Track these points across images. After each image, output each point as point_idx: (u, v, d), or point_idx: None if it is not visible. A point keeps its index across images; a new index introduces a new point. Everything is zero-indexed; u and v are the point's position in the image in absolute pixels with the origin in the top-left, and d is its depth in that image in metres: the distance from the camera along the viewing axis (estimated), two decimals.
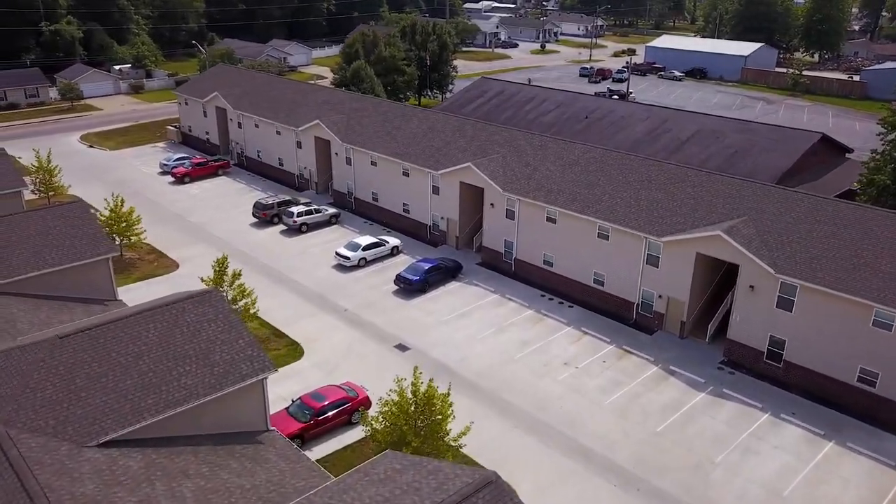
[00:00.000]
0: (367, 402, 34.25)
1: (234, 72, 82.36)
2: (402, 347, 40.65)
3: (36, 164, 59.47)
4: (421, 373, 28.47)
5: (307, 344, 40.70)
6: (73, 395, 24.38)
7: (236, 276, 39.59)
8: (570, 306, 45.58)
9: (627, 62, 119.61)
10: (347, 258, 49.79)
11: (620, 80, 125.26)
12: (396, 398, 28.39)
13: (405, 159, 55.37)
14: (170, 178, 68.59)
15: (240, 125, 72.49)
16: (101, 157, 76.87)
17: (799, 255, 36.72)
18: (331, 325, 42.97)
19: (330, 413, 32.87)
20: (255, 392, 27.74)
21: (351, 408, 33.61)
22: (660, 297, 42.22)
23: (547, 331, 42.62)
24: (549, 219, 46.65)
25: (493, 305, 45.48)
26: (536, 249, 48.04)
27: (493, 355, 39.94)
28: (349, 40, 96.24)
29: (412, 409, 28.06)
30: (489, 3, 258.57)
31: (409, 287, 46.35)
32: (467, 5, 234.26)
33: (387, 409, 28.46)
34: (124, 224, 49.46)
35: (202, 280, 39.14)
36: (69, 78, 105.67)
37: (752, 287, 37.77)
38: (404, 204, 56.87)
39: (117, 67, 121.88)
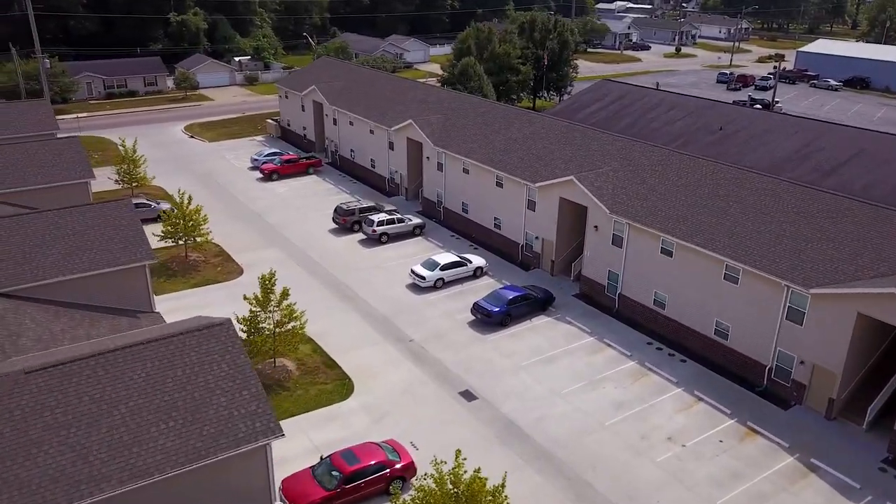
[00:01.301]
0: (410, 469, 27.81)
1: (337, 65, 78.65)
2: (468, 395, 33.89)
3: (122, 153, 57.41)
4: (465, 458, 21.60)
5: (360, 379, 34.85)
6: (21, 451, 19.56)
7: (285, 294, 34.40)
8: (682, 361, 37.06)
9: (776, 67, 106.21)
10: (423, 278, 43.63)
11: (764, 88, 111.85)
12: (433, 484, 21.70)
13: (499, 167, 48.50)
14: (258, 174, 65.38)
15: (335, 122, 68.32)
16: (197, 148, 75.33)
17: None
18: (391, 357, 36.93)
19: (362, 480, 26.69)
20: (255, 461, 22.04)
21: (389, 475, 27.28)
22: (802, 363, 32.96)
23: (650, 391, 34.45)
24: (664, 251, 38.30)
25: (587, 351, 37.76)
26: (646, 286, 39.80)
27: (578, 418, 32.36)
28: (461, 36, 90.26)
29: None
30: (624, 3, 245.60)
31: (488, 319, 39.51)
32: (600, 5, 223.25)
33: (420, 495, 21.87)
34: (191, 223, 45.78)
35: (245, 298, 34.19)
36: (188, 68, 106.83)
37: None
38: (495, 218, 50.03)
39: (237, 59, 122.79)
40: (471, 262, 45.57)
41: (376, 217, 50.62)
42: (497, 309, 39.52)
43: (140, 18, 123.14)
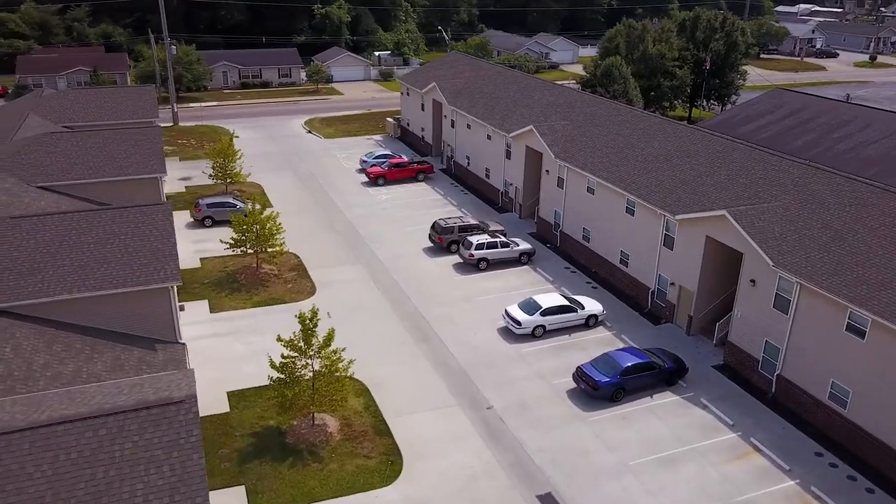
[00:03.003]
0: None
1: (464, 61, 71.34)
2: (548, 502, 25.04)
3: (217, 147, 53.37)
4: None
5: (412, 457, 27.02)
6: None
7: (329, 339, 27.22)
8: (869, 491, 25.89)
9: None
10: (518, 323, 35.02)
11: None
12: None
13: (632, 190, 38.79)
14: (364, 178, 59.44)
15: (453, 124, 61.02)
16: (310, 144, 70.95)
17: None
18: (459, 429, 28.75)
19: None
20: None
21: None
22: None
23: None
24: (852, 327, 27.21)
25: (726, 454, 27.52)
26: (821, 371, 28.79)
27: None
28: (609, 33, 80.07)
29: None
30: (808, 6, 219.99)
31: (593, 392, 30.24)
32: (780, 8, 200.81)
33: None
34: (264, 232, 40.03)
35: (279, 340, 27.31)
36: (324, 60, 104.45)
37: None
38: (622, 252, 40.33)
39: (377, 53, 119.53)
40: (583, 307, 36.34)
41: (475, 238, 42.55)
42: (607, 379, 30.15)
43: (287, 9, 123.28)
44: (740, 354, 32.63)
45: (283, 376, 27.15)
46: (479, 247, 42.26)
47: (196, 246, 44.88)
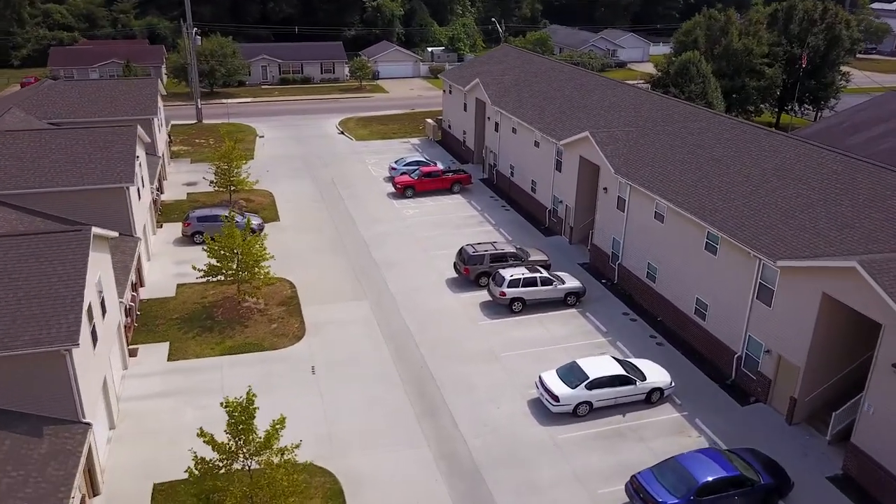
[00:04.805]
0: None
1: (515, 56, 62.42)
2: None
3: (221, 149, 46.09)
4: None
5: None
6: None
7: (273, 434, 19.13)
8: None
9: None
10: (556, 399, 26.19)
11: None
12: None
13: (715, 222, 29.37)
14: (391, 188, 51.42)
15: (496, 127, 52.37)
16: (341, 146, 63.42)
17: None
18: None
19: None
20: None
21: None
22: None
23: None
24: None
25: None
26: None
27: None
28: (687, 25, 70.16)
29: None
30: None
31: None
32: (875, 5, 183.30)
33: None
34: (249, 260, 32.39)
35: (201, 434, 19.22)
36: (371, 55, 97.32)
37: None
38: (699, 301, 30.90)
39: (430, 49, 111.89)
40: (643, 376, 27.24)
41: (509, 273, 33.85)
42: (675, 500, 21.08)
43: (338, 2, 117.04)
44: (871, 466, 22.94)
45: (204, 481, 19.24)
46: (514, 283, 33.53)
47: (177, 268, 37.72)
